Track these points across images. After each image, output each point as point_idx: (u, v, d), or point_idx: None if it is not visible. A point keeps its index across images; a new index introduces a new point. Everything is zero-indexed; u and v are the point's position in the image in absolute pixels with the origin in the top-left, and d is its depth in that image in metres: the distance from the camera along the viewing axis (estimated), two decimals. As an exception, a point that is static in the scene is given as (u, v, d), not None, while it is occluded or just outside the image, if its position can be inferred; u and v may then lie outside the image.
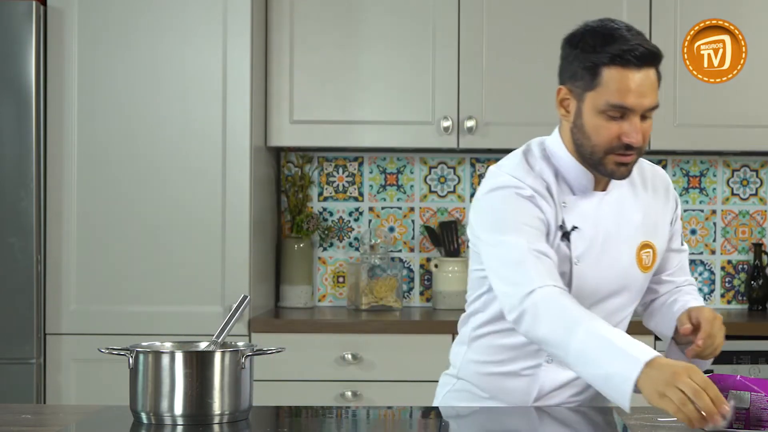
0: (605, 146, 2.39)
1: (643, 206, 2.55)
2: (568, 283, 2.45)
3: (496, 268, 2.41)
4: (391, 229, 4.60)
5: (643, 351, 2.18)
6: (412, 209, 4.60)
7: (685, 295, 2.59)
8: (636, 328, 2.63)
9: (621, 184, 2.52)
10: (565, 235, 2.45)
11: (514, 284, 2.36)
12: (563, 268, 2.44)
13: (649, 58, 2.36)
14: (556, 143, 2.50)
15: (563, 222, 2.45)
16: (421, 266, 4.61)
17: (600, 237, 2.48)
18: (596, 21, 2.44)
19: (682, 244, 2.65)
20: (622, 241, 2.50)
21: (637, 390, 2.16)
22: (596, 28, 2.41)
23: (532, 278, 2.33)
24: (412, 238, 4.60)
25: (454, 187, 4.58)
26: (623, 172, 2.43)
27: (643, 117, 2.38)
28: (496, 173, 2.48)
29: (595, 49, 2.37)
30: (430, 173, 4.59)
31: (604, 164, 2.41)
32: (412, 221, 4.60)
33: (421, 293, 4.61)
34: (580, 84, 2.40)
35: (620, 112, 2.36)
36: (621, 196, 2.52)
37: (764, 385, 2.14)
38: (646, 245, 2.52)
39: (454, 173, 4.59)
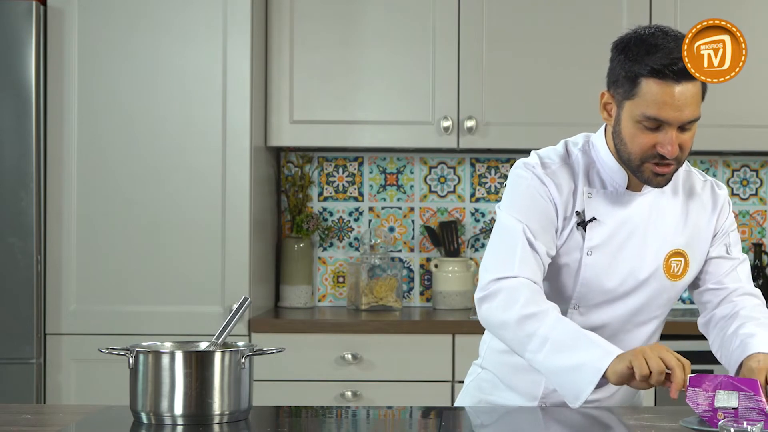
0: (640, 155, 2.39)
1: (682, 215, 2.52)
2: (575, 274, 2.45)
3: (490, 242, 2.48)
4: (391, 229, 4.60)
5: (612, 346, 2.28)
6: (412, 209, 4.60)
7: (746, 325, 2.44)
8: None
9: (661, 189, 2.49)
10: (582, 224, 2.45)
11: (493, 265, 2.41)
12: (573, 257, 2.45)
13: (689, 73, 2.37)
14: (599, 138, 2.52)
15: (583, 211, 2.46)
16: (421, 266, 4.61)
17: (622, 234, 2.47)
18: (647, 27, 2.43)
19: (730, 253, 2.56)
20: (648, 244, 2.48)
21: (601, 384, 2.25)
22: (643, 36, 2.40)
23: (512, 265, 2.38)
24: (412, 238, 4.60)
25: (454, 187, 4.58)
26: (660, 181, 2.42)
27: (683, 129, 2.38)
28: (532, 153, 2.53)
29: (637, 59, 2.37)
30: (430, 173, 4.59)
31: (642, 172, 2.41)
32: (412, 221, 4.60)
33: (421, 293, 4.61)
34: (620, 91, 2.41)
35: (656, 124, 2.36)
36: (658, 201, 2.50)
37: (751, 384, 2.14)
38: (677, 253, 2.49)
39: (454, 173, 4.59)
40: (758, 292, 2.56)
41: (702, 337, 4.00)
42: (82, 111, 3.98)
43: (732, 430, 2.01)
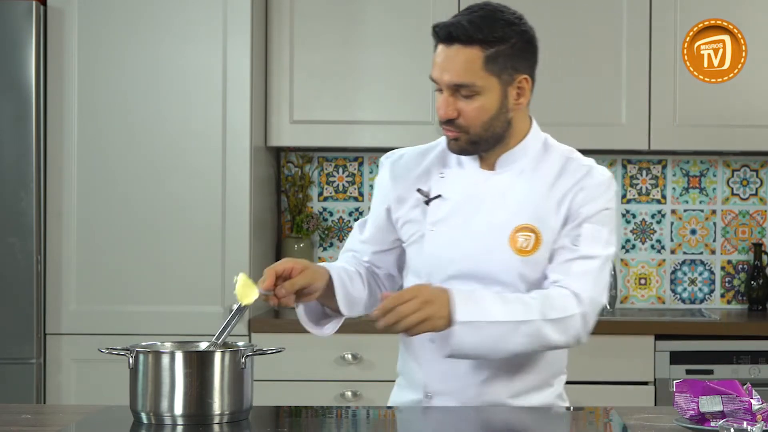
0: (439, 119, 2.47)
1: (537, 194, 2.47)
2: (420, 248, 2.52)
3: None
4: (391, 229, 4.59)
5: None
6: (412, 209, 4.60)
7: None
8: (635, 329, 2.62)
9: (520, 169, 2.49)
10: (427, 202, 2.52)
11: None
12: (418, 231, 2.53)
13: (457, 37, 2.40)
14: None
15: (429, 191, 2.52)
16: (421, 266, 4.60)
17: (467, 210, 2.49)
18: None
19: (576, 245, 2.44)
20: (494, 219, 2.47)
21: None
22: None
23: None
24: (412, 238, 4.60)
25: (454, 187, 4.58)
26: (452, 146, 2.48)
27: (466, 97, 2.41)
28: None
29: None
30: (430, 173, 4.59)
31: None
32: (412, 221, 4.60)
33: (421, 293, 4.60)
34: None
35: (438, 86, 2.44)
36: (513, 180, 2.49)
37: (733, 386, 2.15)
38: (526, 228, 2.45)
39: (454, 173, 4.58)
40: (582, 289, 2.40)
41: (702, 338, 4.01)
42: (82, 111, 3.98)
43: (732, 430, 2.01)
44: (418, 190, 2.53)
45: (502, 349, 2.36)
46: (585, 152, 4.68)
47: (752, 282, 4.50)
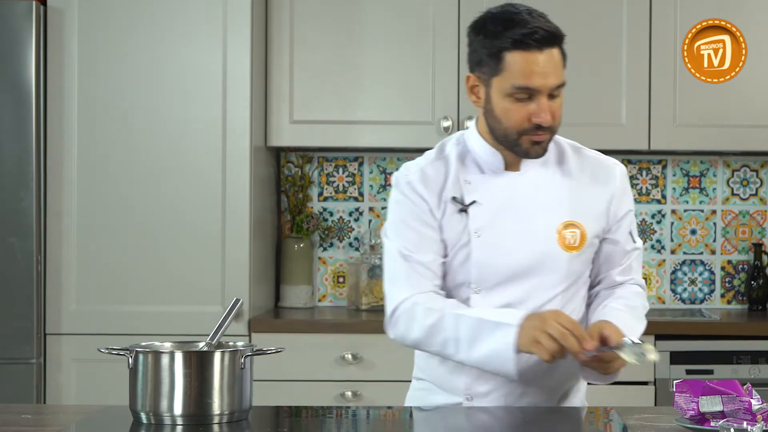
0: (517, 128, 2.45)
1: (569, 187, 2.53)
2: (468, 256, 2.49)
3: (383, 273, 2.59)
4: (391, 229, 4.59)
5: (511, 315, 2.36)
6: (412, 209, 4.59)
7: (614, 301, 2.53)
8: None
9: (544, 164, 2.53)
10: (463, 210, 2.50)
11: (388, 296, 2.54)
12: (461, 242, 2.50)
13: (550, 39, 2.42)
14: (472, 127, 2.58)
15: (462, 197, 2.50)
16: (421, 266, 4.60)
17: (507, 213, 2.50)
18: (498, 6, 2.49)
19: (635, 241, 2.60)
20: (537, 218, 2.50)
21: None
22: (497, 13, 2.47)
23: (401, 288, 2.51)
24: (412, 238, 4.60)
25: (454, 187, 4.57)
26: (537, 150, 2.48)
27: (552, 96, 2.45)
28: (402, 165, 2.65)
29: (497, 35, 2.43)
30: (430, 173, 4.59)
31: (520, 145, 2.47)
32: (412, 221, 4.59)
33: (421, 293, 4.60)
34: (486, 70, 2.46)
35: (527, 94, 2.42)
36: (540, 176, 2.53)
37: (733, 386, 2.15)
38: (571, 224, 2.50)
39: (454, 173, 4.58)
40: (643, 282, 2.61)
41: (702, 338, 4.01)
42: (82, 111, 3.98)
43: (732, 430, 2.01)
44: (453, 199, 2.51)
45: None
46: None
47: (752, 282, 4.50)
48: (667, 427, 2.24)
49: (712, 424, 2.13)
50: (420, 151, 4.48)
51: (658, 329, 3.96)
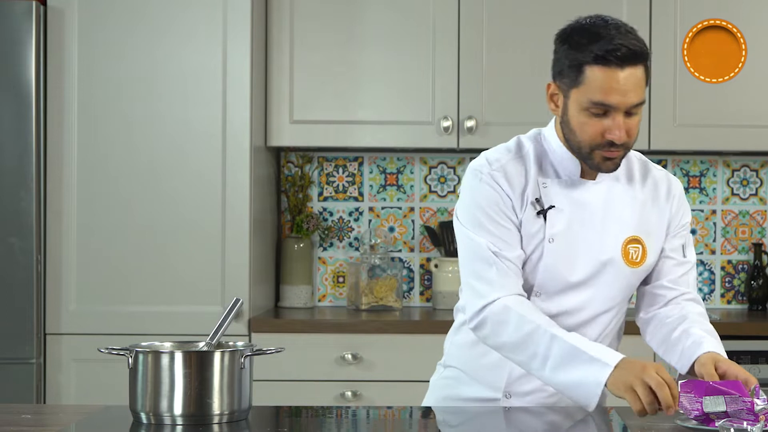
0: (590, 142, 2.43)
1: (637, 203, 2.55)
2: (537, 261, 2.48)
3: (463, 266, 2.51)
4: (391, 229, 4.60)
5: (610, 355, 2.30)
6: (412, 209, 4.60)
7: (696, 327, 2.48)
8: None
9: (616, 177, 2.53)
10: (541, 213, 2.48)
11: (475, 291, 2.45)
12: (533, 245, 2.48)
13: (632, 58, 2.38)
14: (550, 129, 2.56)
15: (540, 199, 2.49)
16: (421, 266, 4.61)
17: (581, 221, 2.49)
18: (587, 17, 2.47)
19: (685, 256, 2.59)
20: (607, 230, 2.50)
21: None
22: (584, 25, 2.44)
23: (492, 287, 2.43)
24: (412, 238, 4.60)
25: (454, 187, 4.58)
26: (609, 166, 2.46)
27: (629, 114, 2.42)
28: (480, 155, 2.58)
29: (580, 48, 2.40)
30: (430, 173, 4.59)
31: (592, 158, 2.45)
32: (412, 221, 4.60)
33: (421, 293, 4.61)
34: (566, 81, 2.44)
35: (603, 110, 2.40)
36: (613, 188, 2.53)
37: (737, 386, 2.15)
38: (634, 240, 2.52)
39: (454, 173, 4.59)
40: (700, 299, 2.60)
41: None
42: (82, 111, 3.98)
43: (732, 430, 2.01)
44: (536, 200, 2.49)
45: None
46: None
47: (752, 282, 4.50)
48: (667, 427, 2.24)
49: (717, 424, 2.13)
50: (420, 151, 4.51)
51: (658, 329, 3.96)
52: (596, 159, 2.44)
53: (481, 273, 2.45)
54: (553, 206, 2.48)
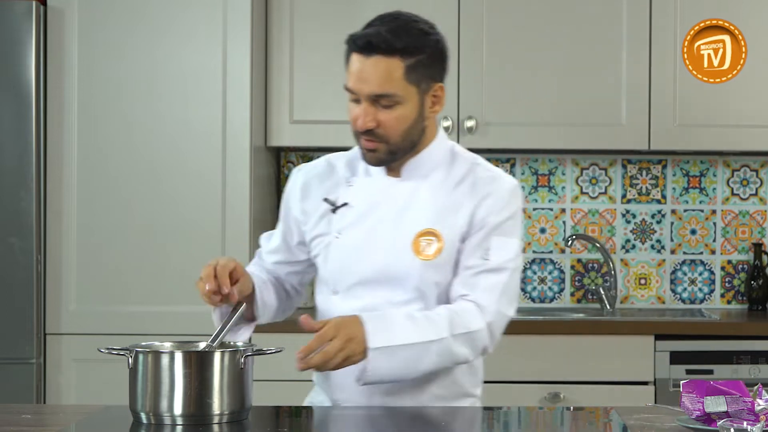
0: (353, 129, 2.50)
1: (440, 199, 2.49)
2: (327, 258, 2.53)
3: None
4: (391, 229, 4.59)
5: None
6: (412, 209, 4.59)
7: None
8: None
9: (425, 175, 2.51)
10: (333, 210, 2.54)
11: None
12: (326, 242, 2.54)
13: (370, 48, 2.41)
14: None
15: (336, 198, 2.54)
16: (421, 266, 4.60)
17: (374, 217, 2.51)
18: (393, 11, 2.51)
19: (487, 258, 2.46)
20: (400, 226, 2.48)
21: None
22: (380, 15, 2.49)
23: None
24: (412, 238, 4.59)
25: (454, 187, 4.57)
26: (370, 158, 2.50)
27: (384, 106, 2.43)
28: None
29: (353, 34, 2.47)
30: (430, 173, 4.58)
31: (361, 148, 2.52)
32: (412, 221, 4.59)
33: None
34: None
35: (354, 97, 2.46)
36: (418, 185, 2.51)
37: (737, 386, 2.16)
38: (429, 233, 2.47)
39: (454, 173, 4.58)
40: (485, 305, 2.44)
41: (702, 338, 4.01)
42: (82, 111, 3.98)
43: (732, 430, 2.01)
44: (325, 200, 2.56)
45: (414, 369, 2.39)
46: (585, 152, 4.69)
47: (752, 282, 4.49)
48: (667, 427, 2.24)
49: (717, 424, 2.13)
50: (420, 151, 4.50)
51: (658, 329, 3.96)
52: (362, 149, 2.50)
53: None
54: (346, 204, 2.53)
